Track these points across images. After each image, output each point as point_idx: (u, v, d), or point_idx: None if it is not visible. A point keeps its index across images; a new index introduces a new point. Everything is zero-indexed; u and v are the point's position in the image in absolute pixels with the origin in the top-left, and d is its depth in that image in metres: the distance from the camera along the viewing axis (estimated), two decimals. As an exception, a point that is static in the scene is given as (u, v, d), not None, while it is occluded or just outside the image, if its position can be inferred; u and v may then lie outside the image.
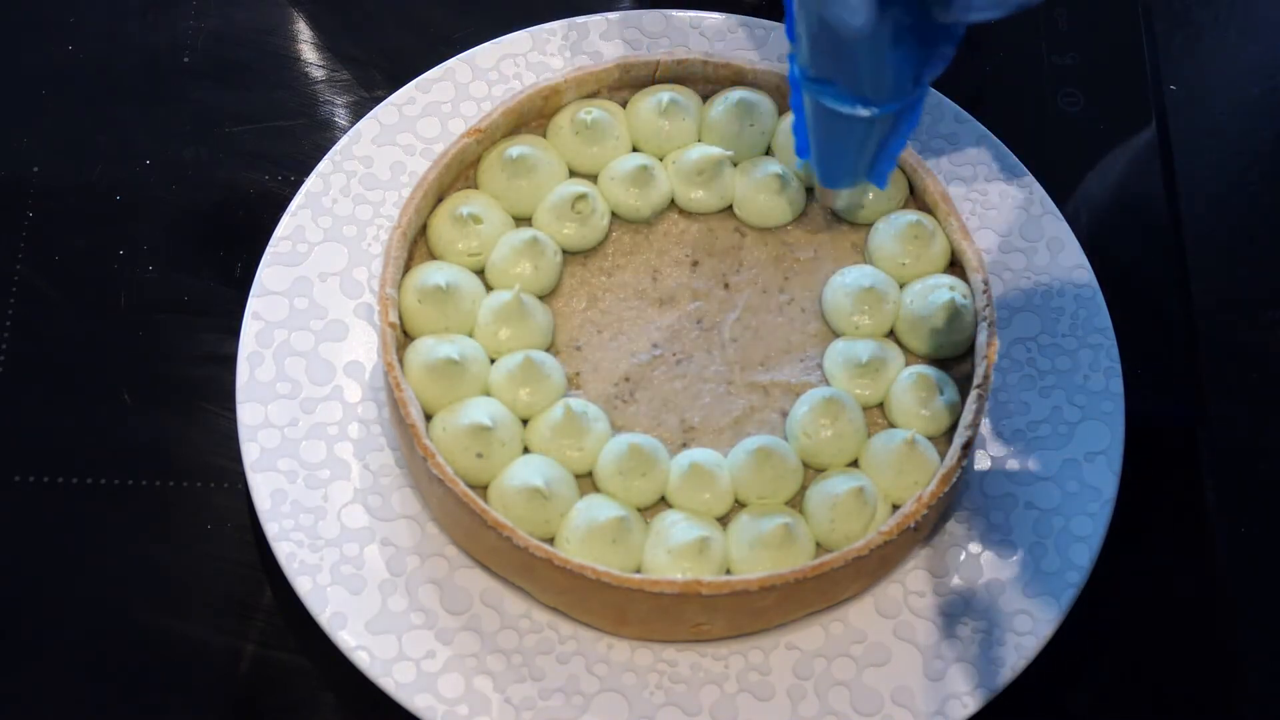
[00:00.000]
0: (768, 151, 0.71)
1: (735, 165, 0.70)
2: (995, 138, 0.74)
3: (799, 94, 0.61)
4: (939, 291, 0.66)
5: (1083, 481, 0.66)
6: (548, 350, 0.65)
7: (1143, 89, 0.81)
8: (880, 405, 0.66)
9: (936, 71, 0.57)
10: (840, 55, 0.55)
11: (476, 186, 0.69)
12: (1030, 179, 0.73)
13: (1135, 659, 0.67)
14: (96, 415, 0.69)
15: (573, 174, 0.70)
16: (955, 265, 0.68)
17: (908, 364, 0.66)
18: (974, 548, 0.64)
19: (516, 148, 0.68)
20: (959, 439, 0.62)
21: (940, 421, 0.64)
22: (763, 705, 0.61)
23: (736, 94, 0.70)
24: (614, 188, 0.68)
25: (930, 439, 0.64)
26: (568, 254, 0.68)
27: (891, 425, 0.65)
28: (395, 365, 0.62)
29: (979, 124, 0.74)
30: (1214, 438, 0.72)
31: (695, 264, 0.69)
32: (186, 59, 0.78)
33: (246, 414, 0.65)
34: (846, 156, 0.62)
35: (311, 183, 0.70)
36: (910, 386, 0.64)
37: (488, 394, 0.64)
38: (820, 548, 0.62)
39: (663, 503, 0.63)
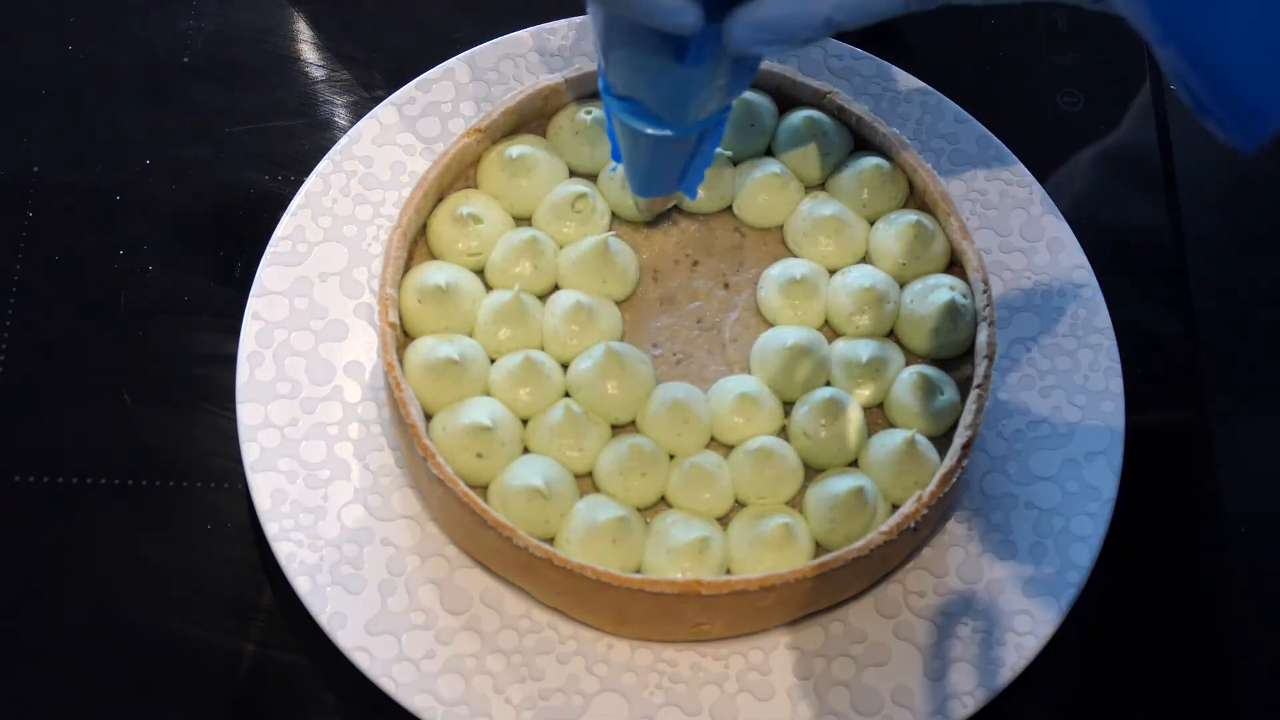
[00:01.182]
0: (768, 152, 0.71)
1: (735, 165, 0.70)
2: (995, 137, 0.74)
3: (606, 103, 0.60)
4: (939, 291, 0.66)
5: (1083, 481, 0.66)
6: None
7: (1142, 89, 0.81)
8: (880, 405, 0.66)
9: (735, 94, 0.56)
10: (639, 78, 0.54)
11: (476, 186, 0.69)
12: (1030, 179, 0.73)
13: (1135, 659, 0.67)
14: (96, 415, 0.69)
15: (573, 174, 0.70)
16: (955, 265, 0.68)
17: (908, 364, 0.66)
18: (974, 548, 0.64)
19: (516, 147, 0.68)
20: (959, 439, 0.62)
21: (940, 421, 0.64)
22: (763, 705, 0.61)
23: (736, 94, 0.70)
24: (614, 187, 0.68)
25: (930, 439, 0.64)
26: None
27: (891, 425, 0.65)
28: (395, 365, 0.62)
29: (979, 124, 0.74)
30: (1214, 437, 0.72)
31: (695, 264, 0.69)
32: (186, 59, 0.78)
33: (246, 414, 0.65)
34: (654, 169, 0.62)
35: (311, 183, 0.70)
36: (910, 386, 0.64)
37: (488, 394, 0.64)
38: (820, 548, 0.62)
39: (663, 503, 0.63)
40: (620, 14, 0.51)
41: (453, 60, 0.74)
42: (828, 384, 0.65)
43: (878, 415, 0.66)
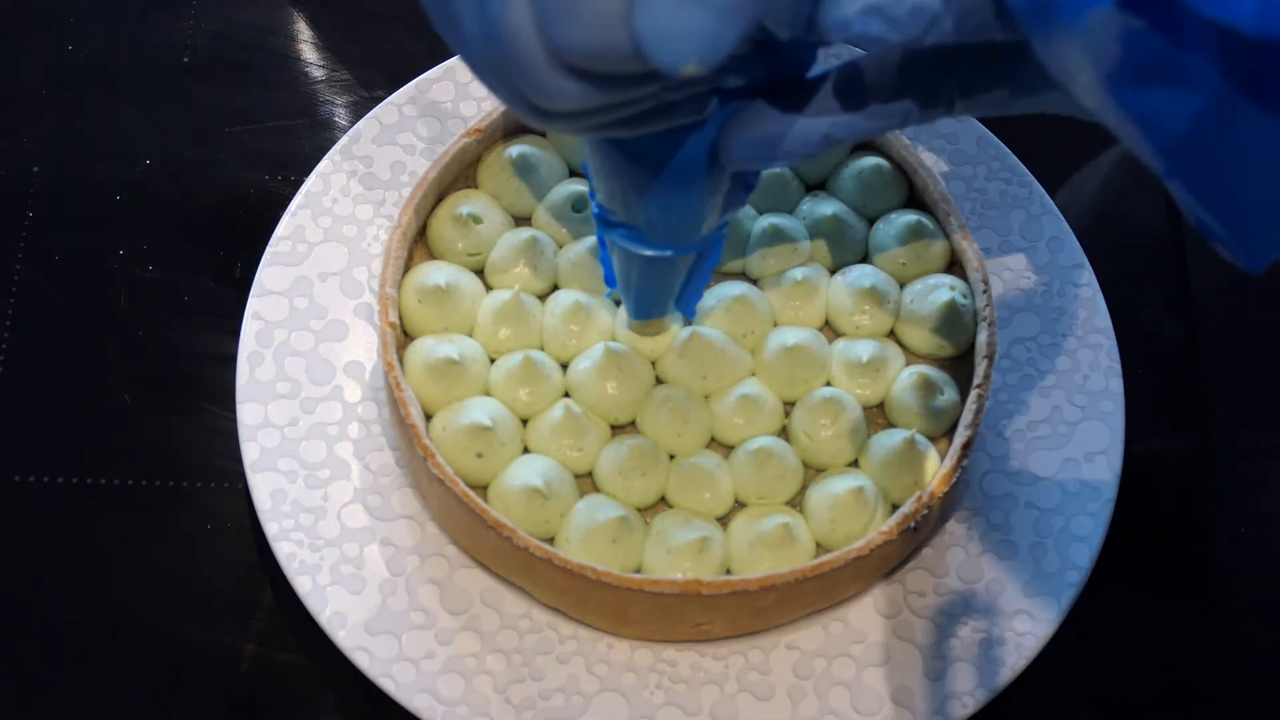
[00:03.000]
0: (768, 151, 0.70)
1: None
2: (995, 137, 0.74)
3: (601, 229, 0.59)
4: (939, 291, 0.66)
5: (1083, 481, 0.66)
6: None
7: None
8: (880, 405, 0.66)
9: (732, 213, 0.55)
10: (631, 202, 0.53)
11: (476, 186, 0.69)
12: (1030, 178, 0.73)
13: (1135, 659, 0.67)
14: (96, 415, 0.69)
15: (573, 174, 0.70)
16: (955, 265, 0.68)
17: (908, 364, 0.66)
18: (974, 548, 0.64)
19: (516, 147, 0.68)
20: (959, 439, 0.62)
21: (940, 421, 0.64)
22: (763, 705, 0.61)
23: (736, 94, 0.70)
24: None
25: (930, 439, 0.64)
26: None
27: (891, 425, 0.65)
28: (395, 365, 0.62)
29: (979, 123, 0.74)
30: (1214, 437, 0.72)
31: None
32: (186, 59, 0.78)
33: (246, 414, 0.65)
34: (652, 292, 0.60)
35: (311, 182, 0.70)
36: (910, 386, 0.64)
37: (488, 394, 0.64)
38: (820, 548, 0.62)
39: (663, 503, 0.63)
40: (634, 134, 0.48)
41: (453, 60, 0.74)
42: (828, 384, 0.65)
43: (878, 415, 0.66)
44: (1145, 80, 0.35)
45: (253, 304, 0.67)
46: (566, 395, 0.64)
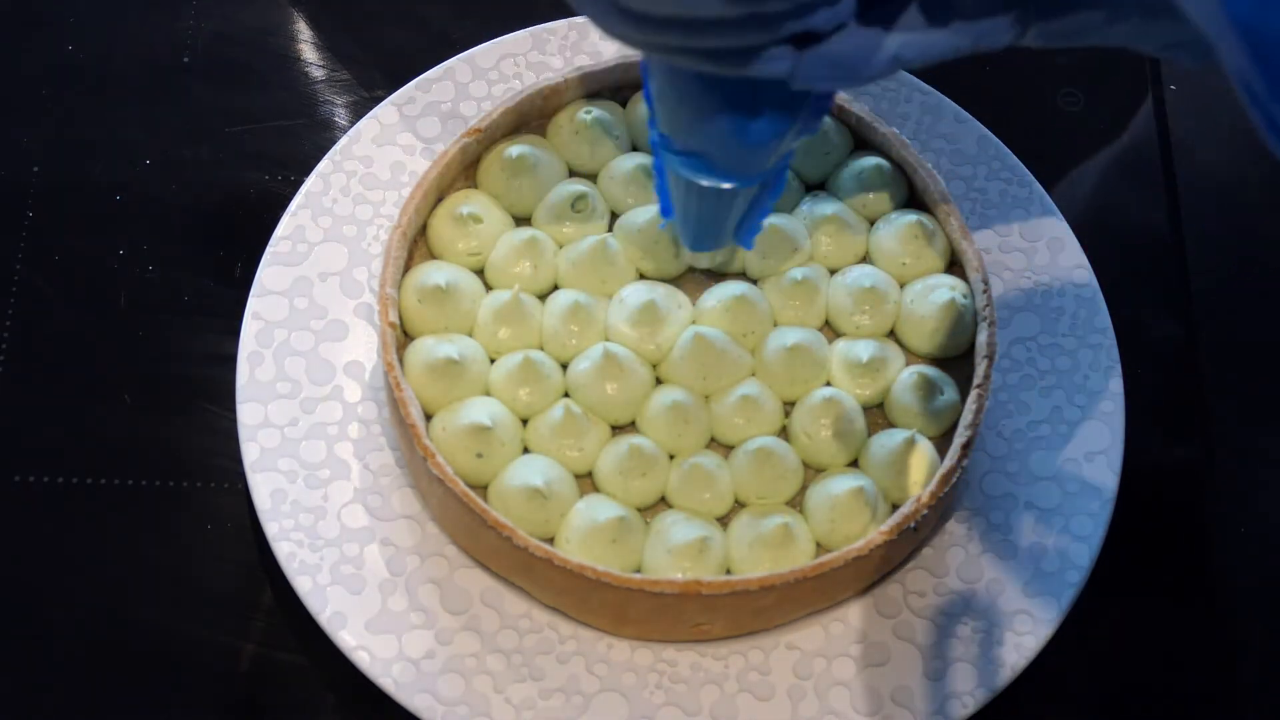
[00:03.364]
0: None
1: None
2: (995, 137, 0.74)
3: (661, 157, 0.57)
4: (939, 291, 0.66)
5: (1083, 481, 0.66)
6: None
7: (1142, 89, 0.81)
8: (880, 405, 0.66)
9: (805, 136, 0.52)
10: (706, 132, 0.51)
11: (476, 186, 0.69)
12: (1030, 178, 0.73)
13: (1135, 659, 0.67)
14: (96, 415, 0.69)
15: (573, 173, 0.70)
16: (955, 265, 0.68)
17: (908, 364, 0.66)
18: (974, 548, 0.64)
19: (516, 147, 0.68)
20: (959, 439, 0.62)
21: (940, 421, 0.64)
22: (763, 705, 0.61)
23: (736, 94, 0.70)
24: (614, 187, 0.69)
25: (930, 439, 0.64)
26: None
27: (892, 425, 0.65)
28: (395, 365, 0.62)
29: (979, 123, 0.74)
30: (1214, 437, 0.72)
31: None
32: (186, 59, 0.78)
33: (246, 414, 0.65)
34: (711, 224, 0.59)
35: (311, 183, 0.70)
36: (910, 386, 0.64)
37: (487, 394, 0.64)
38: (820, 548, 0.62)
39: (663, 503, 0.63)
40: (709, 71, 0.47)
41: (453, 60, 0.74)
42: (828, 384, 0.65)
43: (878, 415, 0.66)
44: None
45: (253, 304, 0.67)
46: (566, 395, 0.64)
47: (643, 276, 0.67)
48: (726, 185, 0.55)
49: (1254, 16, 0.35)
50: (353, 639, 0.61)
